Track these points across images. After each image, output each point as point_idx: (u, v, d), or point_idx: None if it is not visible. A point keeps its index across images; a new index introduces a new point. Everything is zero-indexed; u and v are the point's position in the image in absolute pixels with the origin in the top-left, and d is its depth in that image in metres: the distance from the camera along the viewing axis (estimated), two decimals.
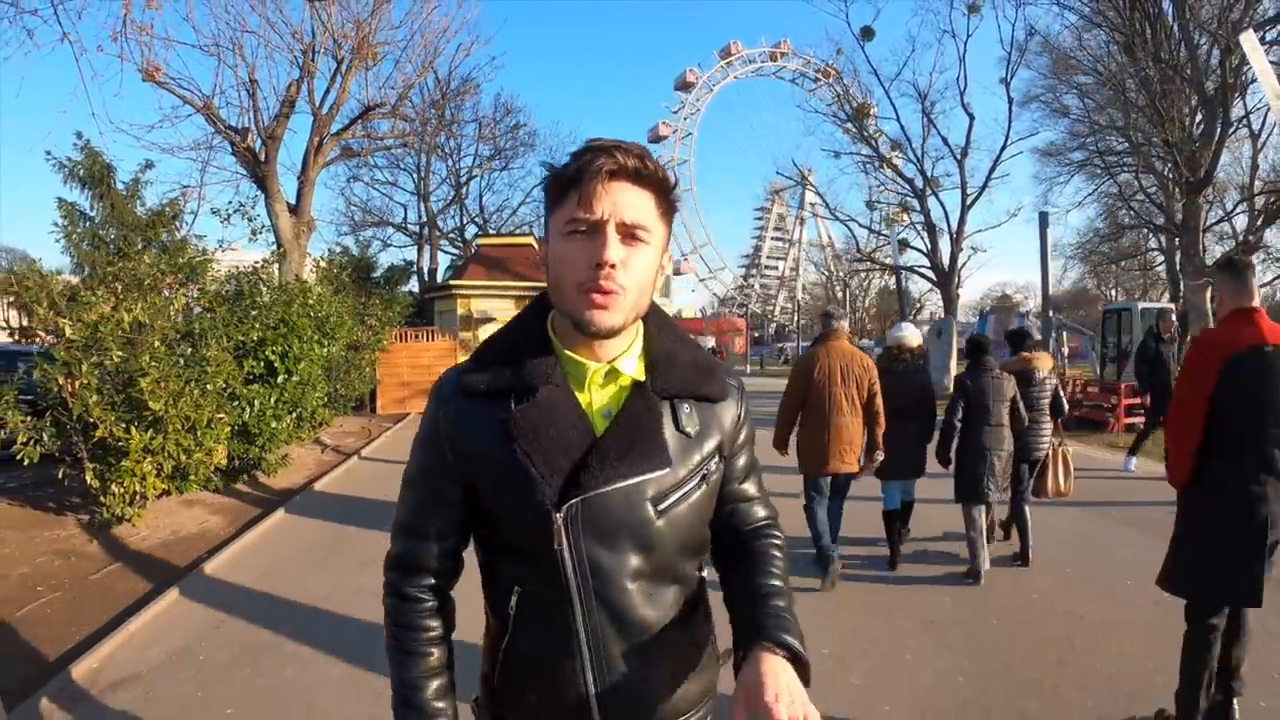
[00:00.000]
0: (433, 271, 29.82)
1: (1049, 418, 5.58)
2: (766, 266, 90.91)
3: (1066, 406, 5.68)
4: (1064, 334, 23.28)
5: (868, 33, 25.89)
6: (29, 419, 6.01)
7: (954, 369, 24.17)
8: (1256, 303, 2.92)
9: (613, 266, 1.06)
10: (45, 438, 5.95)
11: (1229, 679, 3.05)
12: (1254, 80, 15.26)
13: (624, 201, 1.07)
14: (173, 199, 8.03)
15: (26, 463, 5.98)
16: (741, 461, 1.35)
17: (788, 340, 64.16)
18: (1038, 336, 7.19)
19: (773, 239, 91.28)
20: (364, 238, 29.91)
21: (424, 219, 30.19)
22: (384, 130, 14.79)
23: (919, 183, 28.16)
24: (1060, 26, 25.43)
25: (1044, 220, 13.68)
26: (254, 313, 7.45)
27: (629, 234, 1.08)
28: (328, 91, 12.36)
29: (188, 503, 7.08)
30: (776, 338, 77.17)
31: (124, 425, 5.64)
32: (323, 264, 10.95)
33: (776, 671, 1.03)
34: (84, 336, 5.66)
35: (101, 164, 7.81)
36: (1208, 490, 2.92)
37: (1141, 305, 14.93)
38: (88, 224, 7.86)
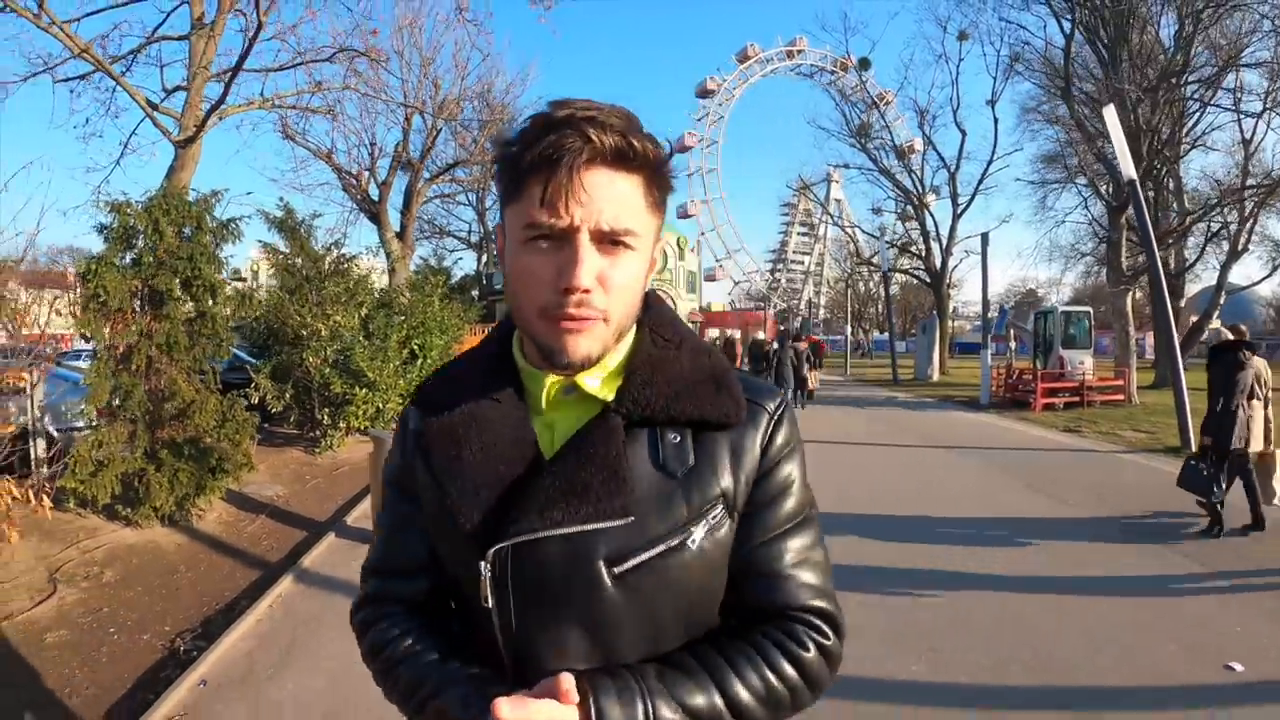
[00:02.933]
0: (489, 275, 33.70)
1: (807, 366, 14.13)
2: (793, 261, 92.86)
3: (806, 366, 14.98)
4: (1012, 331, 26.45)
5: (865, 64, 29.11)
6: (274, 384, 9.72)
7: (937, 360, 27.49)
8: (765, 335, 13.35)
9: (587, 292, 0.82)
10: (287, 396, 9.67)
11: None
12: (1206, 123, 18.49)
13: (603, 199, 0.81)
14: (337, 240, 11.71)
15: (273, 411, 9.71)
16: (774, 517, 0.94)
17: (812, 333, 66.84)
18: (799, 333, 17.44)
19: (799, 234, 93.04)
20: (440, 248, 33.85)
21: (480, 233, 34.05)
22: (464, 176, 18.66)
23: (916, 193, 31.33)
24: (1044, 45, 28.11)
25: (985, 240, 16.99)
26: (400, 318, 11.16)
27: (610, 241, 0.83)
28: (425, 150, 16.16)
29: (361, 442, 10.79)
30: (802, 330, 79.46)
31: (350, 385, 9.36)
32: (438, 281, 14.45)
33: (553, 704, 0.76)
34: (330, 332, 9.42)
35: (294, 217, 11.45)
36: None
37: (1062, 308, 18.24)
38: (282, 257, 11.51)
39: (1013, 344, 27.61)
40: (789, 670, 0.88)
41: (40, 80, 10.54)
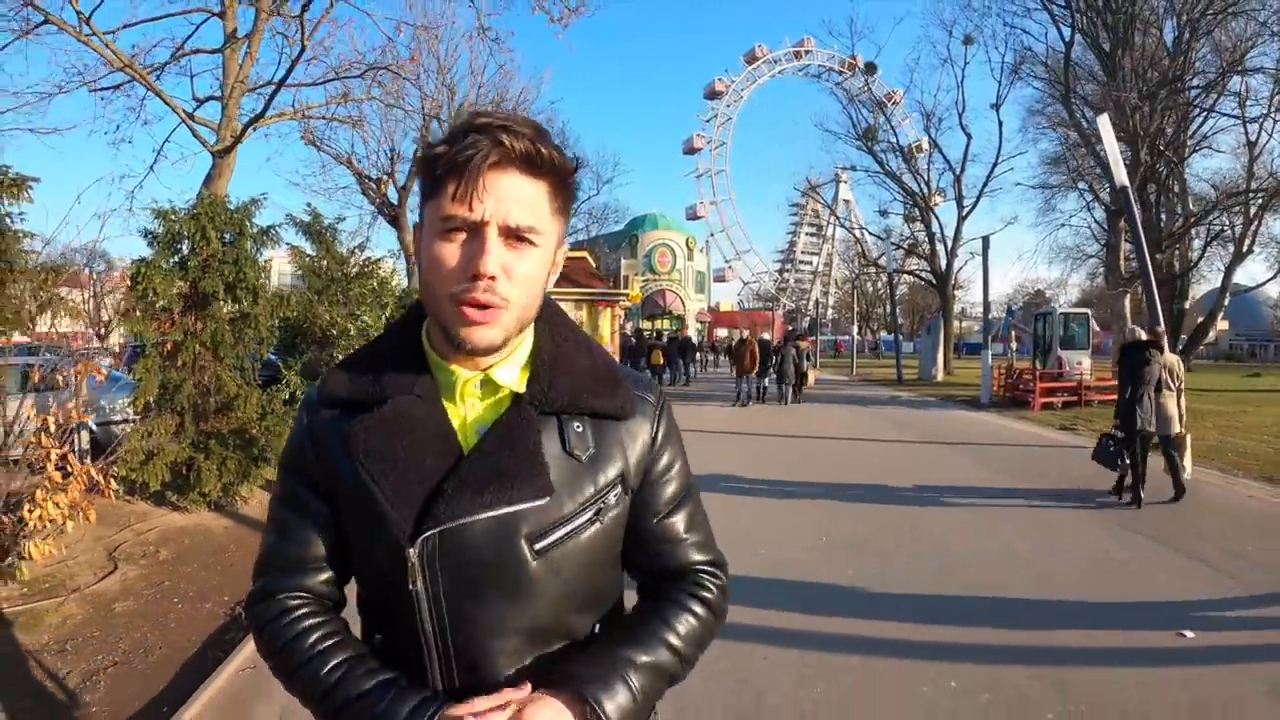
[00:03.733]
0: None
1: (805, 362, 16.16)
2: (801, 261, 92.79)
3: (806, 363, 17.50)
4: (1013, 332, 26.84)
5: (871, 68, 29.51)
6: (303, 381, 10.23)
7: (941, 360, 27.88)
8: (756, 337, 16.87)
9: (492, 279, 0.91)
10: None
11: None
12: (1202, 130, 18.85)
13: (510, 198, 0.92)
14: (361, 243, 12.28)
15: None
16: (665, 493, 1.12)
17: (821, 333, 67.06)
18: (803, 334, 20.85)
19: (807, 234, 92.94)
20: None
21: None
22: None
23: (921, 195, 31.71)
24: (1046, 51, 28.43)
25: (985, 244, 17.41)
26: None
27: (515, 236, 0.93)
28: None
29: None
30: (809, 331, 79.48)
31: None
32: None
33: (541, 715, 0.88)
34: (359, 331, 9.94)
35: (320, 221, 11.97)
36: (763, 376, 18.17)
37: (1060, 309, 18.68)
38: (309, 259, 12.03)
39: (1014, 345, 28.02)
40: (703, 612, 1.09)
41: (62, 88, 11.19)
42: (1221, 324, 55.53)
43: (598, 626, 1.08)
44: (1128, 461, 7.48)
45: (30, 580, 5.17)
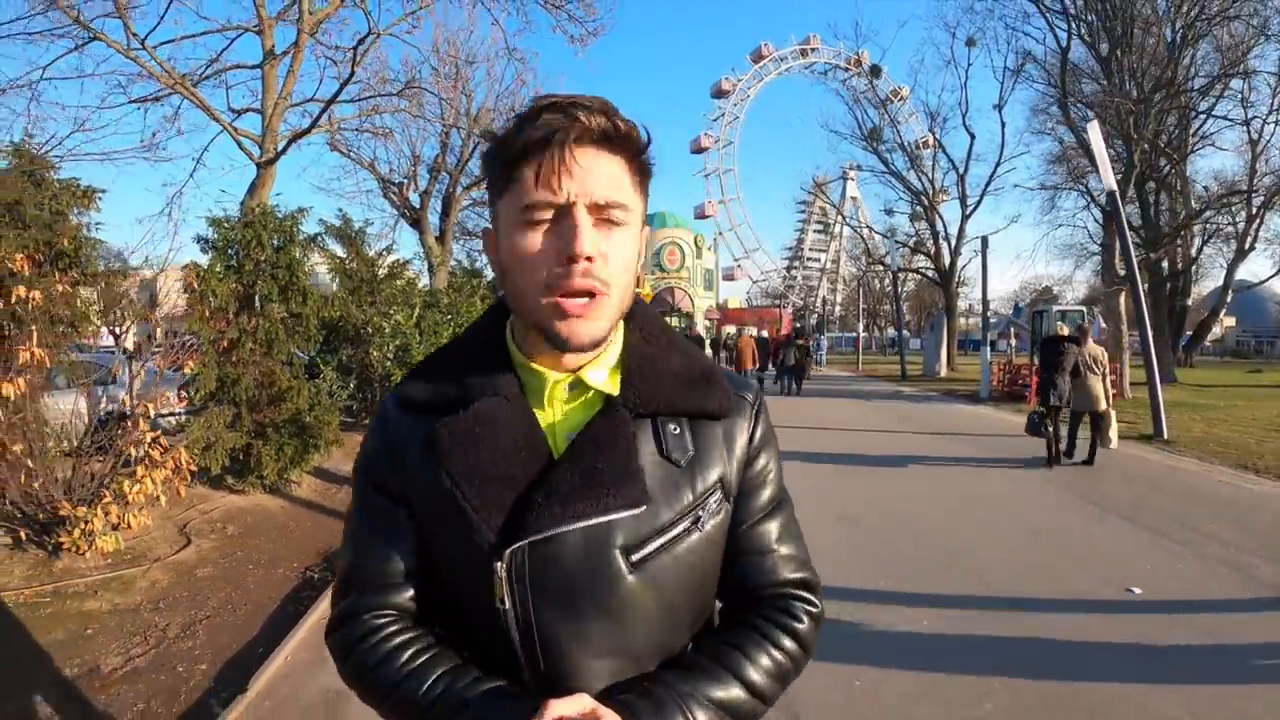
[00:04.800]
0: None
1: (806, 357, 17.39)
2: (809, 259, 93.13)
3: (809, 358, 19.20)
4: (1012, 329, 27.45)
5: (876, 71, 30.08)
6: (338, 376, 10.96)
7: (944, 356, 28.49)
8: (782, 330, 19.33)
9: (589, 260, 0.85)
10: (351, 386, 10.92)
11: None
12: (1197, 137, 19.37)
13: (594, 174, 0.86)
14: (389, 245, 13.07)
15: (338, 403, 10.94)
16: (757, 500, 1.03)
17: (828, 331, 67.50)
18: (810, 333, 23.15)
19: (814, 231, 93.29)
20: (471, 250, 35.08)
21: None
22: None
23: (926, 194, 32.26)
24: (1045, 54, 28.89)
25: (984, 243, 18.00)
26: (447, 317, 12.42)
27: (604, 216, 0.87)
28: (463, 161, 17.51)
29: None
30: (817, 329, 79.89)
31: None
32: (477, 285, 15.78)
33: None
34: (392, 330, 10.69)
35: (350, 225, 12.72)
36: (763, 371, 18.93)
37: (1055, 307, 19.30)
38: (339, 260, 12.77)
39: (1012, 341, 28.65)
40: (790, 644, 0.97)
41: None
42: (1229, 320, 55.89)
43: (690, 646, 1.00)
44: (1052, 430, 9.39)
45: (112, 553, 5.77)
